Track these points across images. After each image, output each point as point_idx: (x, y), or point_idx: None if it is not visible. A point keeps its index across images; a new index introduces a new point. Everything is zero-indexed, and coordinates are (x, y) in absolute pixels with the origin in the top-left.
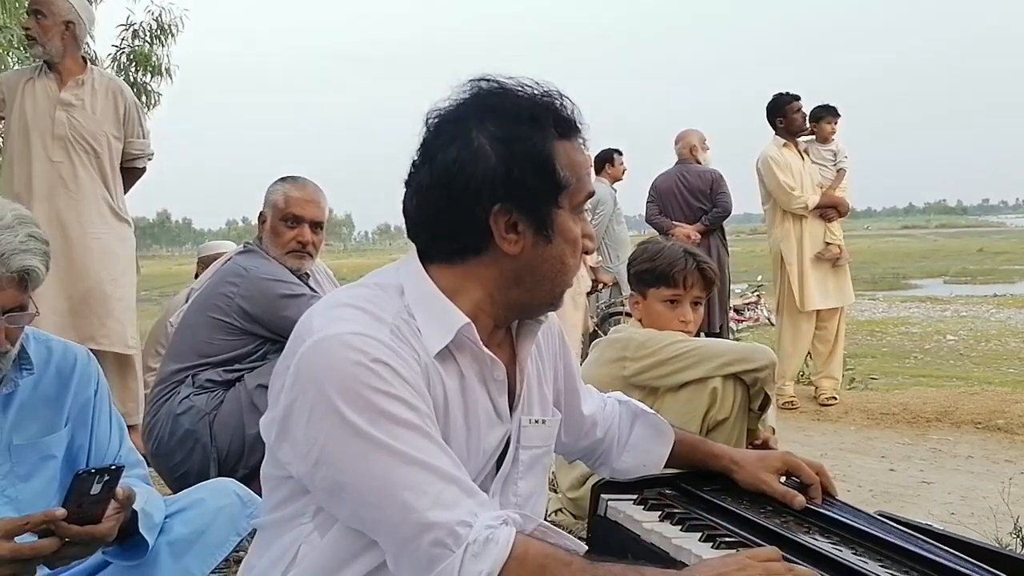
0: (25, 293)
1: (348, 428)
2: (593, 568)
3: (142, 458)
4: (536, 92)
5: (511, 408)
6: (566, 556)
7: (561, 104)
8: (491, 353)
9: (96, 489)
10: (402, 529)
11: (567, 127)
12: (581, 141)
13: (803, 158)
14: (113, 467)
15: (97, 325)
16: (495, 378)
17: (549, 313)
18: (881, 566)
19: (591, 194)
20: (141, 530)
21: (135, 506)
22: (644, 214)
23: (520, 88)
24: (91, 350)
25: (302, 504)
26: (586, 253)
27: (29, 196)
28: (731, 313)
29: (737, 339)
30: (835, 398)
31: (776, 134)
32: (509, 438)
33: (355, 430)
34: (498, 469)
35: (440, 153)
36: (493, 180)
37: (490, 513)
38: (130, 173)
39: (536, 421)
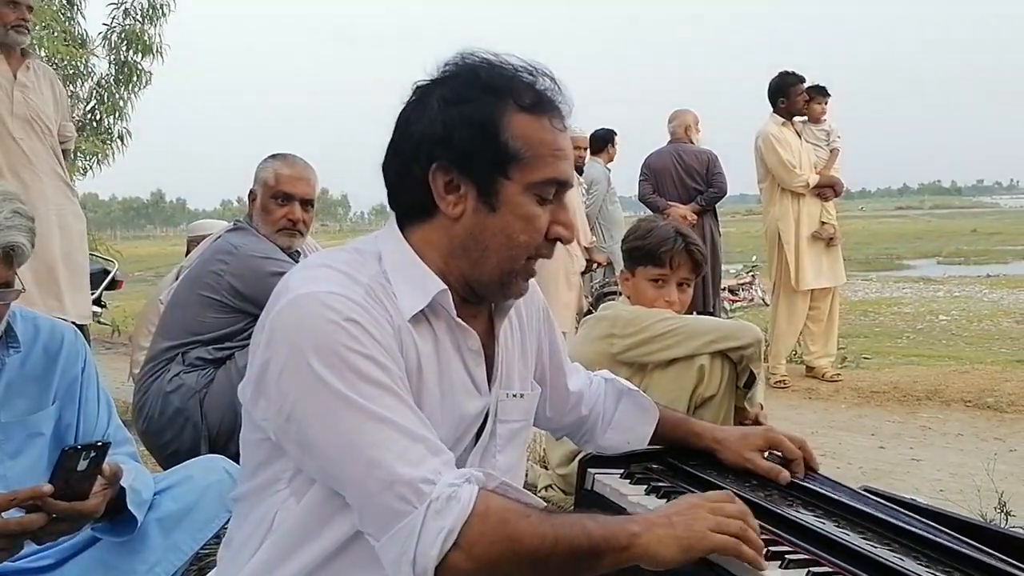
0: (10, 269)
1: (319, 384)
2: (550, 518)
3: (130, 436)
4: (515, 66)
5: (489, 382)
6: (525, 509)
7: (535, 80)
8: (462, 322)
9: (82, 465)
10: (367, 484)
11: (534, 102)
12: (552, 121)
13: (800, 137)
14: (99, 443)
15: (60, 297)
16: (469, 347)
17: (527, 290)
18: (863, 538)
19: (560, 182)
20: (130, 506)
21: (123, 483)
22: (637, 193)
23: (501, 63)
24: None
25: (278, 468)
26: (561, 242)
27: None
28: (725, 293)
29: (729, 319)
30: (839, 373)
31: (775, 112)
32: (488, 411)
33: (325, 386)
34: (476, 442)
35: (401, 112)
36: (432, 138)
37: (453, 471)
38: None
39: (514, 395)
